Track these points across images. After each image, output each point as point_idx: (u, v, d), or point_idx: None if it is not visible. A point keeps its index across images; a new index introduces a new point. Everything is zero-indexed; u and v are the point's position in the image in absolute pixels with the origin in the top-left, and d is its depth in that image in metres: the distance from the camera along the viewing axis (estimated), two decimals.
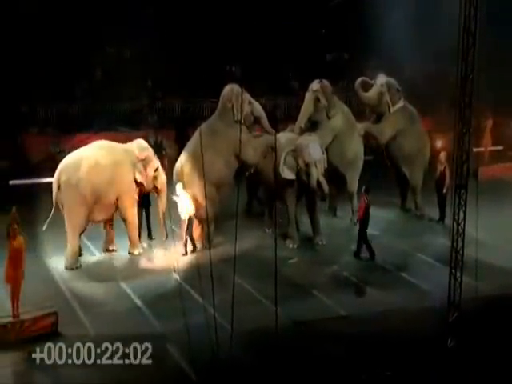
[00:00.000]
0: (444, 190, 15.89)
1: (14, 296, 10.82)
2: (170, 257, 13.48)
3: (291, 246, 14.88)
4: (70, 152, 14.55)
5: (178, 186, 14.26)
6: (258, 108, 15.33)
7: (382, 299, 12.46)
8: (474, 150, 13.33)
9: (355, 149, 16.44)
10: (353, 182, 16.42)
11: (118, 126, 21.46)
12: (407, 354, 10.21)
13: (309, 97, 16.10)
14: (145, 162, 14.26)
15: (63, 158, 14.31)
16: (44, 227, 13.59)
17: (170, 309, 11.56)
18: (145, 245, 14.73)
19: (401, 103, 16.88)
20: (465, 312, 10.22)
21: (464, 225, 10.23)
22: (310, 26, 24.95)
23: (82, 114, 21.89)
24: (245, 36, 25.28)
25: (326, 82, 16.29)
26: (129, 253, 14.37)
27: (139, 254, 14.31)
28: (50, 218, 13.60)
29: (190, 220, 14.29)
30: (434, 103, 23.09)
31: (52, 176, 13.95)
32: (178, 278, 12.65)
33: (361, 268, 13.88)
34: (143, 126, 22.01)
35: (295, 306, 11.87)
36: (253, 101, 15.32)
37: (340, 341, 10.72)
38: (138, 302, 12.16)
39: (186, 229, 14.22)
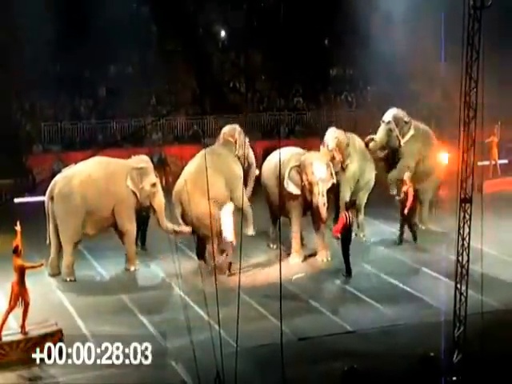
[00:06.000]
0: (405, 211, 15.69)
1: (24, 313, 10.79)
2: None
3: (296, 261, 14.82)
4: None
5: (229, 206, 14.00)
6: (252, 156, 15.55)
7: (387, 314, 12.40)
8: (479, 163, 13.27)
9: (370, 174, 16.56)
10: (363, 198, 16.44)
11: (122, 143, 21.52)
12: (413, 369, 10.13)
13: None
14: (140, 172, 14.12)
15: None
16: (47, 241, 13.78)
17: (174, 325, 11.54)
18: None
19: (411, 132, 16.78)
20: (470, 327, 10.15)
21: (469, 239, 10.18)
22: (314, 40, 25.08)
23: (86, 131, 21.94)
24: (249, 52, 25.55)
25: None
26: (125, 269, 14.26)
27: (135, 271, 14.22)
28: (48, 230, 13.79)
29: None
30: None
31: None
32: (182, 294, 12.61)
33: (366, 283, 13.82)
34: (147, 143, 22.07)
35: (300, 322, 11.81)
36: (249, 148, 15.45)
37: (345, 357, 10.65)
38: (143, 319, 12.13)
39: (231, 249, 13.80)
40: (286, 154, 14.99)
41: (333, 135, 16.13)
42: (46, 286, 13.45)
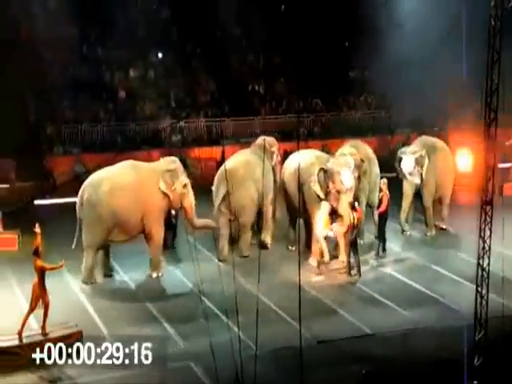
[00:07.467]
0: (376, 214, 15.69)
1: (44, 314, 10.85)
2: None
3: (315, 264, 14.77)
4: (94, 172, 14.59)
5: (324, 204, 14.29)
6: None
7: (407, 317, 12.34)
8: (500, 166, 13.18)
9: (375, 174, 16.48)
10: (374, 198, 16.36)
11: (142, 146, 21.61)
12: (433, 373, 10.07)
13: None
14: (172, 174, 14.10)
15: (87, 177, 14.37)
16: (73, 245, 13.64)
17: (194, 328, 11.56)
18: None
19: (426, 161, 16.54)
20: (491, 330, 10.07)
21: (490, 241, 10.11)
22: (333, 42, 25.02)
23: (106, 133, 22.04)
24: (268, 54, 25.54)
25: None
26: (148, 275, 14.15)
27: (158, 277, 14.12)
28: (77, 234, 13.71)
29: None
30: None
31: (77, 196, 14.01)
32: (202, 296, 12.61)
33: (385, 286, 13.76)
34: (167, 145, 22.12)
35: (319, 325, 11.78)
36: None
37: (365, 360, 10.60)
38: (163, 322, 12.16)
39: (325, 247, 14.21)
40: (310, 157, 15.03)
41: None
42: (68, 288, 13.50)
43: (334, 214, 14.75)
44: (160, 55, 24.83)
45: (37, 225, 11.21)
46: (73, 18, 21.42)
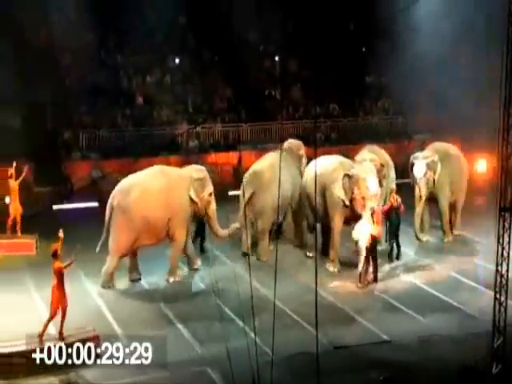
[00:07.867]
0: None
1: (62, 318, 10.90)
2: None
3: (332, 270, 14.73)
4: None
5: (366, 214, 14.02)
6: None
7: (424, 324, 12.27)
8: None
9: (391, 179, 16.51)
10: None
11: (159, 151, 21.66)
12: (451, 380, 10.01)
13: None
14: (201, 183, 14.38)
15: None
16: (97, 249, 13.67)
17: (211, 333, 11.56)
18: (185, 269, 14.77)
19: (439, 167, 16.48)
20: (510, 337, 10.00)
21: (509, 248, 10.05)
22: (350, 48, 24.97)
23: (123, 139, 22.12)
24: (284, 60, 25.56)
25: None
26: (166, 280, 14.21)
27: (174, 282, 14.17)
28: (103, 239, 13.73)
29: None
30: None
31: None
32: (218, 301, 12.62)
33: (403, 292, 13.70)
34: (184, 151, 22.16)
35: (336, 331, 11.74)
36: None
37: (382, 366, 10.56)
38: (180, 327, 12.17)
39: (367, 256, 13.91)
40: (332, 163, 15.04)
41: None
42: (86, 292, 13.54)
43: (355, 220, 14.69)
44: (177, 61, 24.90)
45: (60, 230, 11.28)
46: (90, 25, 21.55)
